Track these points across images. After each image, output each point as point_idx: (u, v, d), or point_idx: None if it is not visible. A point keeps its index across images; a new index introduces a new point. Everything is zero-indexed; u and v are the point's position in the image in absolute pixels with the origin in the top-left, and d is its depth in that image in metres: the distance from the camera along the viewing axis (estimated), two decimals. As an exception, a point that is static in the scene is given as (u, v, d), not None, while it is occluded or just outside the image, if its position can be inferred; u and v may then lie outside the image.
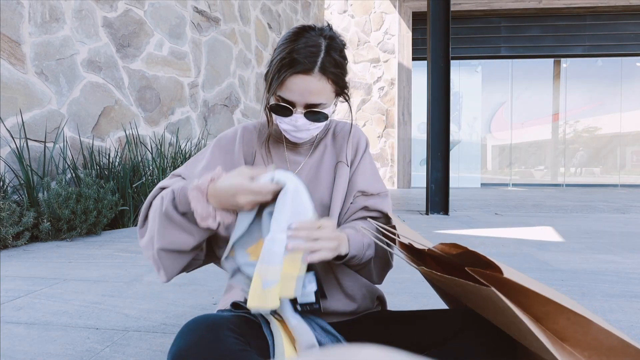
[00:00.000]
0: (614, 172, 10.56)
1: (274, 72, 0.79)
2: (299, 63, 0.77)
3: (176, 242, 0.74)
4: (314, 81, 0.78)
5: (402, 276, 1.83)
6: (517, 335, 0.59)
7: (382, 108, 9.76)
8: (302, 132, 0.84)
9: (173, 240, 0.74)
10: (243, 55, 5.51)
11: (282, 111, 0.81)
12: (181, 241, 0.74)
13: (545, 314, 0.54)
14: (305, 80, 0.78)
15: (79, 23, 3.22)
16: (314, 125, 0.83)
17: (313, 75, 0.77)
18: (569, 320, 0.52)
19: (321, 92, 0.79)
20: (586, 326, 0.51)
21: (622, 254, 2.35)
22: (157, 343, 1.14)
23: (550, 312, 0.53)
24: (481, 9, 9.49)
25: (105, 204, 2.90)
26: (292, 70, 0.77)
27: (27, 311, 1.39)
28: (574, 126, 10.65)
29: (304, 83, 0.78)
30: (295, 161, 0.91)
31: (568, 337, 0.54)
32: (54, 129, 3.03)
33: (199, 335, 0.60)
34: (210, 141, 4.79)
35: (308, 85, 0.78)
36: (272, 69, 0.80)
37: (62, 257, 2.21)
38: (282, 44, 0.80)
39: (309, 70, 0.77)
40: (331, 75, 0.79)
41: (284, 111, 0.81)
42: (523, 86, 10.51)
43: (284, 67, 0.78)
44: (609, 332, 0.50)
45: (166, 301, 1.50)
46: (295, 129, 0.83)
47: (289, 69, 0.77)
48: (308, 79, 0.78)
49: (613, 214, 4.42)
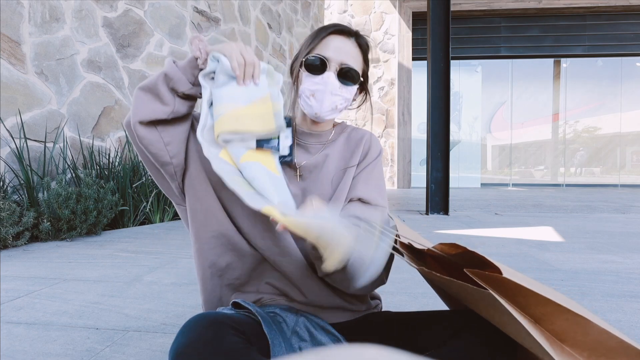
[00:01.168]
0: (614, 172, 10.57)
1: (312, 37, 0.85)
2: (341, 27, 0.85)
3: (148, 109, 0.76)
4: (351, 45, 0.84)
5: (402, 276, 1.83)
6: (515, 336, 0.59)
7: (382, 108, 9.76)
8: (329, 97, 0.83)
9: (145, 108, 0.76)
10: (243, 55, 5.50)
11: (316, 67, 0.82)
12: (153, 108, 0.76)
13: (544, 315, 0.54)
14: (344, 42, 0.84)
15: (79, 23, 3.22)
16: (342, 90, 0.83)
17: (351, 40, 0.85)
18: (568, 320, 0.52)
19: (355, 59, 0.85)
20: (585, 327, 0.51)
21: (622, 254, 2.35)
22: (157, 343, 1.14)
23: (549, 312, 0.53)
24: (481, 9, 9.49)
25: (105, 204, 2.90)
26: (333, 29, 0.84)
27: (27, 311, 1.39)
28: (574, 126, 10.66)
29: (342, 43, 0.84)
30: (305, 158, 0.89)
31: (567, 338, 0.54)
32: (54, 129, 3.03)
33: (200, 333, 0.60)
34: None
35: (345, 46, 0.84)
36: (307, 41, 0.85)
37: (62, 257, 2.21)
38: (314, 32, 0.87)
39: (349, 34, 0.85)
40: (363, 49, 0.86)
41: (318, 67, 0.82)
42: (523, 86, 10.51)
43: (324, 30, 0.84)
44: (608, 332, 0.50)
45: (166, 301, 1.50)
46: (324, 89, 0.82)
47: (331, 29, 0.84)
48: (347, 41, 0.84)
49: (613, 214, 4.42)
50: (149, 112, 0.75)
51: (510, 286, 0.53)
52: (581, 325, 0.52)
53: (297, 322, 0.76)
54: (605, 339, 0.50)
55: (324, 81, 0.82)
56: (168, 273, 1.90)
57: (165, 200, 3.59)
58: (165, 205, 3.59)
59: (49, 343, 1.14)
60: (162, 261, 2.13)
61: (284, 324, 0.74)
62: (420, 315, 0.78)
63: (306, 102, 0.84)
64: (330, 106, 0.84)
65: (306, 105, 0.85)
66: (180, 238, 2.81)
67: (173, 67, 0.76)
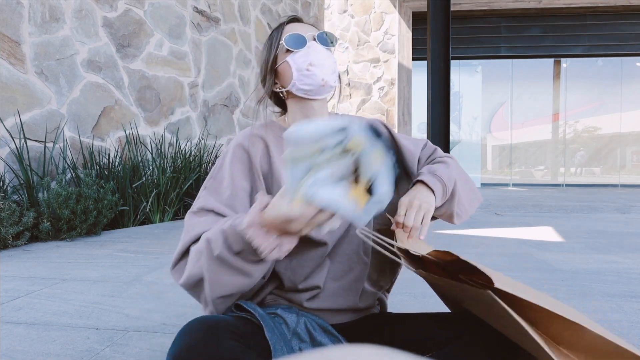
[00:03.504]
0: (614, 172, 10.56)
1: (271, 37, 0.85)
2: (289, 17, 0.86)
3: (233, 286, 0.68)
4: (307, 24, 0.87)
5: (402, 276, 1.83)
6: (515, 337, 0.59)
7: (382, 108, 9.76)
8: (325, 60, 0.81)
9: (229, 286, 0.68)
10: (243, 55, 5.50)
11: (297, 43, 0.81)
12: (238, 284, 0.68)
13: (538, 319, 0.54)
14: (303, 25, 0.85)
15: (79, 23, 3.22)
16: (329, 53, 0.83)
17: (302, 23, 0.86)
18: (563, 325, 0.52)
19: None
20: (580, 332, 0.52)
21: (622, 254, 2.34)
22: (157, 343, 1.14)
23: (543, 318, 0.53)
24: (481, 9, 9.48)
25: (105, 204, 2.89)
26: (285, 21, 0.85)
27: (27, 311, 1.39)
28: (574, 126, 10.65)
29: (298, 25, 0.85)
30: None
31: (563, 341, 0.54)
32: (53, 129, 3.03)
33: (198, 337, 0.60)
34: (209, 141, 4.79)
35: (303, 26, 0.85)
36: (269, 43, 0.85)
37: (62, 257, 2.21)
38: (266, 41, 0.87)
39: (298, 20, 0.86)
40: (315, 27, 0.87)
41: (298, 42, 0.82)
42: (523, 86, 10.51)
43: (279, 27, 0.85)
44: (603, 338, 0.50)
45: (166, 301, 1.50)
46: (317, 55, 0.81)
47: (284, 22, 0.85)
48: (301, 24, 0.86)
49: (613, 214, 4.42)
50: (232, 288, 0.69)
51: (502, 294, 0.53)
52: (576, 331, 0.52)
53: (297, 322, 0.75)
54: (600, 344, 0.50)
55: (312, 49, 0.81)
56: (168, 273, 1.90)
57: (165, 200, 3.59)
58: (165, 205, 3.59)
59: (49, 343, 1.14)
60: (162, 261, 2.13)
61: (284, 325, 0.74)
62: (421, 316, 0.78)
63: (307, 75, 0.80)
64: (331, 68, 0.82)
65: (308, 78, 0.80)
66: (180, 238, 2.81)
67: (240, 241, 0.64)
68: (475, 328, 0.67)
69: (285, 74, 0.83)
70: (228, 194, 0.78)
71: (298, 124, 0.53)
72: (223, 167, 0.82)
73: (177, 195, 3.68)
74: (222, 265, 0.65)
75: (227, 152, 0.84)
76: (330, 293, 0.80)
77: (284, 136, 0.53)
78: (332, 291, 0.80)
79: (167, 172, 3.68)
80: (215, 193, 0.79)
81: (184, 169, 3.82)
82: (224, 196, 0.78)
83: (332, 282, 0.80)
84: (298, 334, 0.74)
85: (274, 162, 0.82)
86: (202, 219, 0.76)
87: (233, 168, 0.81)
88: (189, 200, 3.78)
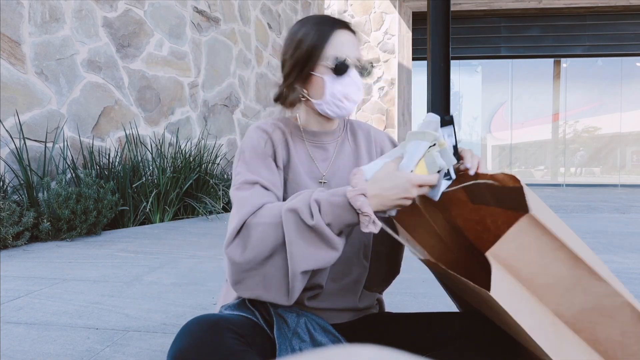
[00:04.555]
0: (614, 172, 10.56)
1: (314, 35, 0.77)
2: (340, 21, 0.79)
3: (319, 259, 0.65)
4: (352, 36, 0.80)
5: (402, 276, 1.82)
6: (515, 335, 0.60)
7: (382, 108, 9.75)
8: (356, 101, 0.80)
9: (315, 259, 0.64)
10: (243, 55, 5.50)
11: (342, 69, 0.77)
12: (324, 258, 0.65)
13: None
14: (348, 35, 0.80)
15: (79, 23, 3.22)
16: (362, 85, 0.81)
17: (349, 31, 0.80)
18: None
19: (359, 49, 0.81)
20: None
21: (622, 254, 2.34)
22: (157, 343, 1.14)
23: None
24: (481, 9, 9.48)
25: (105, 204, 2.89)
26: (337, 26, 0.78)
27: (27, 311, 1.39)
28: (574, 126, 10.65)
29: (347, 36, 0.79)
30: (323, 158, 0.86)
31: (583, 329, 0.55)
32: (53, 129, 3.03)
33: (198, 336, 0.60)
34: (209, 141, 4.79)
35: (351, 39, 0.80)
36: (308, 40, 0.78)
37: (62, 257, 2.21)
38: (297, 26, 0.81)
39: (346, 26, 0.80)
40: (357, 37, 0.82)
41: (344, 69, 0.78)
42: (523, 86, 10.51)
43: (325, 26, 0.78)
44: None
45: (166, 301, 1.50)
46: (356, 89, 0.79)
47: (332, 26, 0.78)
48: (348, 34, 0.80)
49: (613, 214, 4.42)
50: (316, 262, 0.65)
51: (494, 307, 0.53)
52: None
53: (298, 322, 0.76)
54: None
55: (352, 81, 0.78)
56: (168, 273, 1.90)
57: (165, 200, 3.59)
58: (165, 205, 3.59)
59: (49, 343, 1.14)
60: (162, 261, 2.13)
61: (284, 325, 0.74)
62: (421, 317, 0.78)
63: (338, 105, 0.79)
64: (359, 100, 0.82)
65: (337, 108, 0.80)
66: (180, 238, 2.81)
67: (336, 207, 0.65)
68: (477, 329, 0.67)
69: (316, 88, 0.80)
70: (264, 169, 0.78)
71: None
72: (251, 147, 0.81)
73: (177, 195, 3.68)
74: (314, 237, 0.64)
75: (250, 134, 0.83)
76: (329, 293, 0.80)
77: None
78: (332, 292, 0.80)
79: (167, 172, 3.68)
80: (251, 169, 0.78)
81: (184, 169, 3.82)
82: (261, 171, 0.77)
83: (331, 283, 0.80)
84: (298, 334, 0.74)
85: (292, 155, 0.83)
86: (250, 192, 0.73)
87: (259, 147, 0.80)
88: (189, 200, 3.78)
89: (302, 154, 0.84)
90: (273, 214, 0.67)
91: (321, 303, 0.80)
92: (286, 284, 0.65)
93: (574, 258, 0.53)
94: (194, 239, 2.77)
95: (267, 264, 0.66)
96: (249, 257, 0.65)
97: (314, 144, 0.86)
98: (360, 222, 0.64)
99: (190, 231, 3.11)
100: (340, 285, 0.81)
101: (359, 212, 0.63)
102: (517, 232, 0.53)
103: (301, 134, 0.86)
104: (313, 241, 0.64)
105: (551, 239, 0.53)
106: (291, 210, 0.65)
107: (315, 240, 0.64)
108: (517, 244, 0.53)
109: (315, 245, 0.64)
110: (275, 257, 0.65)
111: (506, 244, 0.53)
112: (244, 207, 0.70)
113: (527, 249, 0.54)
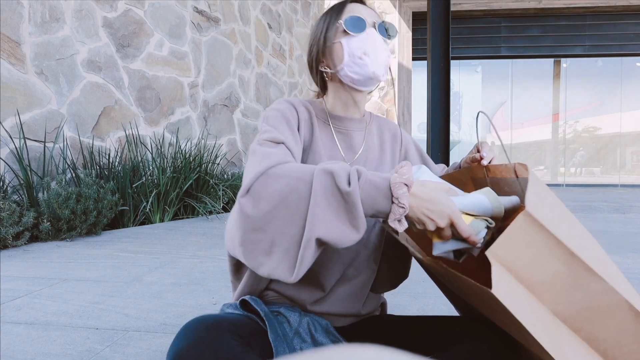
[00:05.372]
0: (614, 172, 10.56)
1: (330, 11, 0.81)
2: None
3: (341, 234, 0.59)
4: (369, 8, 0.82)
5: (402, 276, 1.83)
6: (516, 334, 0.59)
7: (382, 108, 9.75)
8: (381, 52, 0.77)
9: (338, 231, 0.59)
10: (243, 55, 5.50)
11: (357, 26, 0.76)
12: (344, 236, 0.59)
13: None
14: (363, 7, 0.82)
15: (79, 23, 3.22)
16: (385, 45, 0.79)
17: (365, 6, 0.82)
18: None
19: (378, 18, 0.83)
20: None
21: (622, 254, 2.34)
22: (157, 343, 1.14)
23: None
24: (481, 9, 9.48)
25: (105, 204, 2.89)
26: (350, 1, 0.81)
27: (27, 311, 1.39)
28: (574, 126, 10.65)
29: (362, 7, 0.82)
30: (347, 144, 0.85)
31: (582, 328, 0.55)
32: (53, 129, 3.03)
33: (198, 337, 0.59)
34: (209, 141, 4.79)
35: (367, 9, 0.81)
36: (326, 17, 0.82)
37: (62, 257, 2.21)
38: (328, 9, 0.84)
39: (363, 1, 0.83)
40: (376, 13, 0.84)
41: (358, 25, 0.77)
42: (523, 86, 10.51)
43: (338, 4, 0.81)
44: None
45: (166, 301, 1.50)
46: (374, 44, 0.77)
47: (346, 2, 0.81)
48: (364, 6, 0.82)
49: (613, 214, 4.42)
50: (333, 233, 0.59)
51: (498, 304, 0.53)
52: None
53: (300, 322, 0.75)
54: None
55: (370, 37, 0.77)
56: (168, 273, 1.90)
57: (165, 200, 3.59)
58: (165, 205, 3.59)
59: (49, 343, 1.14)
60: (162, 261, 2.13)
61: (286, 324, 0.74)
62: (423, 319, 0.78)
63: (358, 63, 0.76)
64: (384, 61, 0.78)
65: (358, 67, 0.77)
66: (180, 238, 2.81)
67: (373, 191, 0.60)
68: (478, 333, 0.67)
69: (335, 55, 0.79)
70: (290, 135, 0.75)
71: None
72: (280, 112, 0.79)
73: (177, 195, 3.68)
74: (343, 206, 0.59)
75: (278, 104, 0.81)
76: (334, 298, 0.79)
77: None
78: (336, 296, 0.80)
79: (167, 172, 3.68)
80: (279, 129, 0.74)
81: (184, 169, 3.82)
82: (288, 136, 0.74)
83: (338, 286, 0.79)
84: (300, 334, 0.74)
85: (315, 136, 0.82)
86: (275, 150, 0.68)
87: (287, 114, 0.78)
88: (189, 200, 3.78)
89: (326, 138, 0.83)
90: (303, 170, 0.61)
91: (324, 307, 0.79)
92: (295, 255, 0.59)
93: (570, 255, 0.52)
94: (194, 239, 2.77)
95: (280, 224, 0.60)
96: (264, 210, 0.59)
97: (339, 129, 0.85)
98: (391, 212, 0.60)
99: (190, 231, 3.11)
100: (347, 289, 0.80)
101: (394, 202, 0.59)
102: (514, 229, 0.52)
103: (326, 117, 0.85)
104: (339, 211, 0.59)
105: (547, 235, 0.52)
106: (327, 172, 0.60)
107: (341, 211, 0.59)
108: (515, 242, 0.53)
109: (340, 216, 0.59)
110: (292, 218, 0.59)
111: (504, 242, 0.53)
112: (268, 159, 0.64)
113: (524, 246, 0.53)
